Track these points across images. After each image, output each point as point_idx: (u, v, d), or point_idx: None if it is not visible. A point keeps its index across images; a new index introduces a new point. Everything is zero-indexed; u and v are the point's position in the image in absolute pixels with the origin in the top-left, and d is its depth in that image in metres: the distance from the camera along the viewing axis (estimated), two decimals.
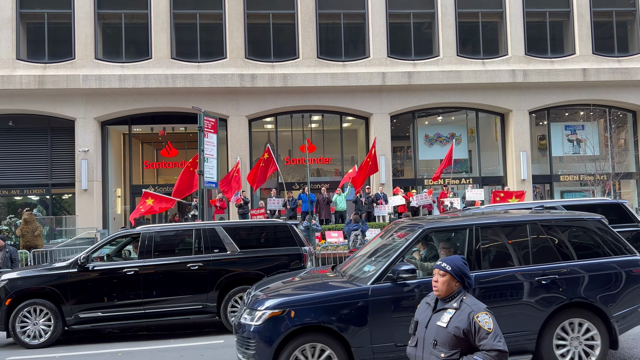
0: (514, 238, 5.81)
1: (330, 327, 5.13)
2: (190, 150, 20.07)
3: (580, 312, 5.54)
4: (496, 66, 19.97)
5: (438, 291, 3.13)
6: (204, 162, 12.88)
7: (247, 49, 19.54)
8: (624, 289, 5.66)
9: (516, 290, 5.45)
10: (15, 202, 19.62)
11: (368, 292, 5.24)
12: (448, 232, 5.97)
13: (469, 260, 5.42)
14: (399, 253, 5.52)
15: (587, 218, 6.04)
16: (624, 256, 5.82)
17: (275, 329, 5.10)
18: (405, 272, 5.21)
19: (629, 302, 5.67)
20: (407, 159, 21.58)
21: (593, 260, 5.71)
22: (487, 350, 2.90)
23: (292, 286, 5.91)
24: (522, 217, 6.01)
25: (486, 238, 5.74)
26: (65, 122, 19.05)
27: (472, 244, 5.60)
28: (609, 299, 5.57)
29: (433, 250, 6.08)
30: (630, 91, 20.42)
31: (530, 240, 5.70)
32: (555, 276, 5.51)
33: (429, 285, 5.24)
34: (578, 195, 20.48)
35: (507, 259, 5.70)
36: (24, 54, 19.09)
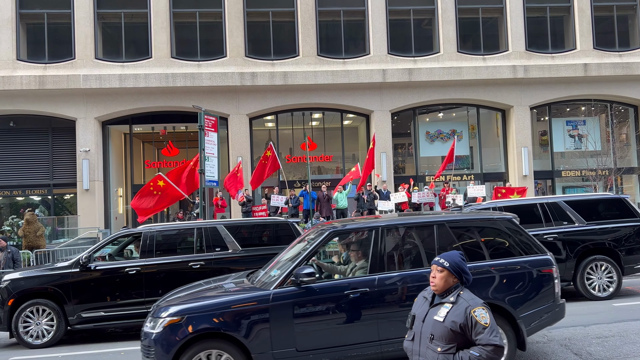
0: (422, 239, 5.76)
1: (230, 334, 5.04)
2: (191, 149, 20.09)
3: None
4: (497, 62, 19.92)
5: (435, 287, 3.13)
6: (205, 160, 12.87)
7: (247, 47, 19.52)
8: (532, 289, 5.58)
9: (421, 291, 5.32)
10: (17, 202, 19.65)
11: (269, 298, 5.15)
12: (355, 234, 5.89)
13: (374, 262, 5.41)
14: (303, 257, 5.44)
15: (497, 218, 5.96)
16: (534, 256, 5.72)
17: (172, 337, 5.00)
18: (306, 275, 5.09)
19: (537, 303, 5.59)
20: (409, 155, 21.56)
21: (500, 260, 5.63)
22: (483, 345, 2.92)
23: (197, 293, 5.71)
24: (429, 218, 5.93)
25: (394, 239, 5.68)
26: (66, 122, 19.07)
27: (378, 245, 5.50)
28: (517, 300, 5.48)
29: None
30: (632, 86, 20.36)
31: (437, 241, 5.62)
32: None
33: (337, 288, 5.23)
34: (580, 190, 20.45)
35: (415, 260, 5.64)
36: (24, 54, 19.10)
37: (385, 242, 5.55)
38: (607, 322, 7.55)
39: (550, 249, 9.12)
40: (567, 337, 6.88)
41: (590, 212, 9.64)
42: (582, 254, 9.33)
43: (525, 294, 5.53)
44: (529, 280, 5.59)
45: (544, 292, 5.62)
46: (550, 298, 5.66)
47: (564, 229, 9.38)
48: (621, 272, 9.37)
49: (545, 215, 9.49)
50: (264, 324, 5.08)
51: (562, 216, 9.52)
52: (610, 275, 9.30)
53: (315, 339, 5.16)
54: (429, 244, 5.68)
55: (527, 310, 5.49)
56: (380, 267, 5.43)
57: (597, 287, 9.26)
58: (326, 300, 5.22)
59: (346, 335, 5.20)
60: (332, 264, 5.90)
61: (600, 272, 9.30)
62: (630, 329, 7.11)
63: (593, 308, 8.60)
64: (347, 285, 5.31)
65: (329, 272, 5.71)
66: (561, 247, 9.25)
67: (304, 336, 5.12)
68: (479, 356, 2.90)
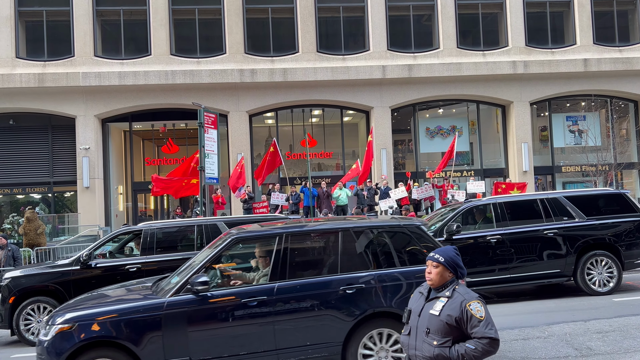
0: (326, 246, 5.69)
1: (122, 342, 4.94)
2: (191, 146, 20.06)
3: (388, 322, 5.33)
4: (497, 58, 19.89)
5: (431, 282, 3.18)
6: (205, 158, 12.86)
7: (246, 44, 19.49)
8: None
9: (320, 300, 5.27)
10: (18, 200, 19.66)
11: (163, 305, 5.06)
12: (258, 240, 5.80)
13: (275, 270, 5.33)
14: (202, 264, 5.36)
15: (404, 224, 5.84)
16: None
17: (62, 345, 4.87)
18: (200, 284, 5.01)
19: None
20: (409, 152, 21.55)
21: (405, 268, 5.53)
22: (478, 338, 2.95)
23: (97, 299, 5.60)
24: (334, 225, 5.84)
25: (297, 246, 5.58)
26: (66, 120, 19.05)
27: (280, 252, 5.40)
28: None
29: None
30: (632, 81, 20.33)
31: (340, 248, 5.53)
32: (362, 285, 5.33)
33: (234, 297, 5.12)
34: (580, 186, 20.44)
35: (317, 268, 5.55)
36: (23, 52, 19.07)
37: (288, 249, 5.43)
38: (608, 317, 7.56)
39: (550, 245, 9.21)
40: (567, 332, 6.89)
41: (590, 208, 9.63)
42: (582, 249, 9.33)
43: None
44: None
45: None
46: None
47: (564, 225, 9.38)
48: (621, 267, 9.37)
49: (546, 210, 9.49)
50: (156, 332, 4.99)
51: (562, 211, 9.52)
52: (611, 270, 9.31)
53: (210, 349, 5.06)
54: (332, 251, 5.58)
55: None
56: (282, 275, 5.32)
57: (598, 283, 9.27)
58: (222, 309, 5.14)
59: (242, 344, 5.11)
60: (242, 271, 5.78)
61: (601, 267, 9.31)
62: (631, 324, 7.13)
63: (593, 303, 8.61)
64: (245, 294, 5.22)
65: (237, 279, 5.59)
66: (561, 243, 9.26)
67: (198, 345, 5.03)
68: (474, 349, 2.94)
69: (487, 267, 9.07)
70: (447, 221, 9.29)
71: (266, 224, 6.61)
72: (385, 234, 5.81)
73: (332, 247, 5.61)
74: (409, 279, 5.45)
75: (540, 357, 6.00)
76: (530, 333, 6.99)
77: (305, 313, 5.24)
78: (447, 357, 2.98)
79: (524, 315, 8.05)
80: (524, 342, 6.59)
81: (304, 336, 5.20)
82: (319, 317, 5.25)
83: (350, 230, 5.65)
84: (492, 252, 9.10)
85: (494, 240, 9.12)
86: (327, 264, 5.55)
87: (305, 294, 5.29)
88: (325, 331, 5.24)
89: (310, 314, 5.24)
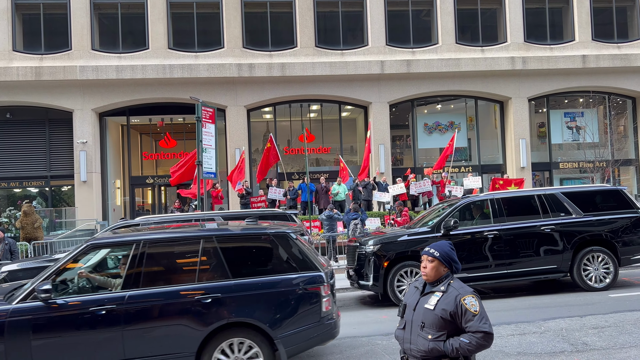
0: (186, 253, 5.54)
1: None
2: (188, 140, 20.05)
3: (245, 332, 5.20)
4: (495, 53, 19.87)
5: (427, 276, 3.19)
6: (203, 152, 12.83)
7: (244, 38, 19.42)
8: (295, 308, 5.30)
9: (174, 309, 5.13)
10: (15, 194, 19.62)
11: (8, 312, 4.89)
12: (113, 247, 5.66)
13: (129, 278, 5.19)
14: (51, 271, 5.19)
15: (270, 232, 5.61)
16: (303, 273, 5.42)
17: None
18: (43, 292, 4.85)
19: (300, 322, 5.30)
20: (407, 147, 21.55)
21: (267, 277, 5.36)
22: (473, 332, 2.97)
23: None
24: (195, 232, 5.69)
25: (155, 253, 5.40)
26: (63, 114, 19.00)
27: (136, 260, 5.24)
28: (277, 319, 5.22)
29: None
30: (630, 77, 20.35)
31: (200, 256, 5.37)
32: (218, 295, 5.16)
33: (83, 305, 4.99)
34: (577, 182, 20.48)
35: (174, 275, 5.38)
36: (20, 45, 18.98)
37: (144, 256, 5.28)
38: (604, 313, 7.59)
39: (547, 240, 9.23)
40: (563, 328, 6.92)
41: (587, 204, 9.65)
42: (579, 245, 9.35)
43: (286, 313, 5.26)
44: (293, 298, 5.31)
45: (309, 311, 5.34)
46: (315, 317, 5.35)
47: (561, 220, 9.39)
48: (618, 263, 9.39)
49: (543, 206, 9.50)
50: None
51: (560, 207, 9.53)
52: (607, 266, 9.33)
53: (54, 357, 4.92)
54: (192, 259, 5.41)
55: (288, 330, 5.23)
56: (135, 283, 5.17)
57: (594, 278, 9.29)
58: (70, 317, 4.98)
59: (90, 353, 4.96)
60: (105, 278, 5.59)
61: (597, 264, 9.33)
62: (627, 320, 7.15)
63: (589, 299, 8.64)
64: (94, 302, 5.05)
65: (100, 285, 5.43)
66: (558, 239, 9.27)
67: (42, 354, 4.87)
68: (468, 343, 2.96)
69: (484, 263, 9.09)
70: (445, 217, 9.29)
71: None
72: (249, 242, 5.66)
73: (192, 255, 5.43)
74: (271, 289, 5.29)
75: (536, 352, 6.02)
76: (526, 328, 7.01)
77: (157, 322, 5.09)
78: (441, 350, 3.00)
79: (521, 311, 8.07)
80: (520, 337, 6.61)
81: (156, 346, 5.06)
82: (172, 327, 5.09)
83: (213, 238, 5.46)
84: (489, 248, 9.11)
85: (491, 236, 9.13)
86: (185, 272, 5.38)
87: (157, 303, 5.12)
88: (178, 341, 5.09)
89: (162, 323, 5.10)
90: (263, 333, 5.20)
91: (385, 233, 9.96)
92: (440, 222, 9.21)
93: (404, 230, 9.73)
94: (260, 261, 5.55)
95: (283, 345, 5.19)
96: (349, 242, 10.38)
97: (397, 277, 8.90)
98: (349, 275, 9.80)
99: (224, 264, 5.35)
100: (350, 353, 6.39)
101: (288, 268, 5.44)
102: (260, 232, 5.66)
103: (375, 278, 8.94)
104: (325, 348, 6.62)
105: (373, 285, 9.02)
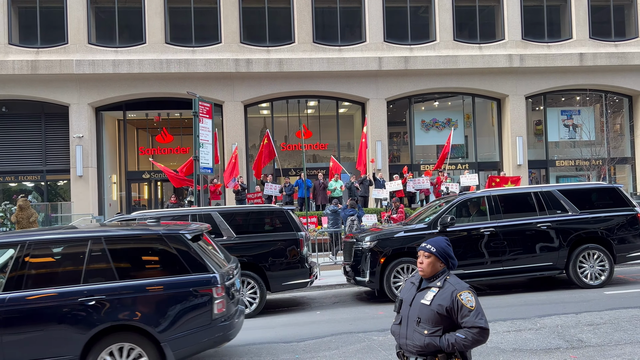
0: (73, 255, 5.41)
1: None
2: (185, 136, 19.99)
3: (131, 336, 5.10)
4: (493, 51, 19.86)
5: (423, 272, 3.20)
6: (199, 147, 12.79)
7: (242, 33, 19.35)
8: (185, 310, 5.19)
9: (55, 312, 4.99)
10: (10, 188, 19.54)
11: None
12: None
13: (11, 279, 5.06)
14: None
15: (163, 233, 5.45)
16: (196, 274, 5.30)
17: None
18: None
19: (189, 325, 5.19)
20: (404, 144, 21.55)
21: (152, 279, 5.26)
22: (469, 328, 2.98)
23: None
24: (84, 233, 5.57)
25: (39, 255, 5.28)
26: (59, 108, 18.90)
27: (19, 261, 5.12)
28: (163, 322, 5.11)
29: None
30: (627, 76, 20.39)
31: (87, 258, 5.23)
32: (102, 297, 5.04)
33: None
34: (573, 180, 20.53)
35: (59, 277, 5.23)
36: (16, 38, 18.86)
37: (28, 258, 5.16)
38: (599, 310, 7.62)
39: (543, 237, 9.26)
40: (559, 325, 6.94)
41: (583, 201, 9.68)
42: (575, 242, 9.38)
43: (174, 316, 5.15)
44: (182, 300, 5.20)
45: (199, 313, 5.24)
46: (206, 319, 5.25)
47: (557, 218, 9.42)
48: (613, 261, 9.43)
49: (539, 204, 9.52)
50: None
51: (556, 205, 9.56)
52: (603, 263, 9.37)
53: None
54: (77, 261, 5.29)
55: (176, 333, 5.13)
56: (17, 285, 5.04)
57: (589, 276, 9.33)
58: None
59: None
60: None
61: (593, 261, 9.37)
62: (622, 317, 7.18)
63: (585, 296, 8.67)
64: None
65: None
66: (554, 236, 9.30)
67: None
68: (464, 338, 2.96)
69: (480, 260, 9.11)
70: (441, 213, 9.30)
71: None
72: (139, 243, 5.54)
73: (78, 256, 5.30)
74: (158, 291, 5.19)
75: (531, 348, 6.04)
76: (522, 325, 7.04)
77: (38, 326, 4.96)
78: (437, 346, 3.01)
79: (516, 307, 8.10)
80: (516, 333, 6.64)
81: (36, 350, 4.94)
82: (55, 330, 4.98)
83: (102, 239, 5.35)
84: (485, 245, 9.13)
85: (488, 232, 9.15)
86: (71, 274, 5.24)
87: (38, 305, 5.00)
88: (61, 344, 4.96)
89: (43, 327, 4.98)
90: (150, 336, 5.09)
91: (381, 229, 9.97)
92: (437, 218, 9.22)
93: (400, 227, 9.75)
94: (150, 262, 5.46)
95: (170, 348, 5.09)
96: (346, 239, 10.39)
97: (393, 274, 8.92)
98: (346, 271, 9.81)
99: (112, 265, 5.24)
100: (346, 349, 6.40)
101: (180, 269, 5.32)
102: (151, 233, 5.52)
103: (371, 274, 8.96)
104: (322, 344, 6.64)
105: (369, 281, 9.03)
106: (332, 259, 13.84)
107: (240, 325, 5.86)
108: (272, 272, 8.76)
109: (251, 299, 8.61)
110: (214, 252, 6.03)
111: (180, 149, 20.39)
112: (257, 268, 8.74)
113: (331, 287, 10.88)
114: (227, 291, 5.45)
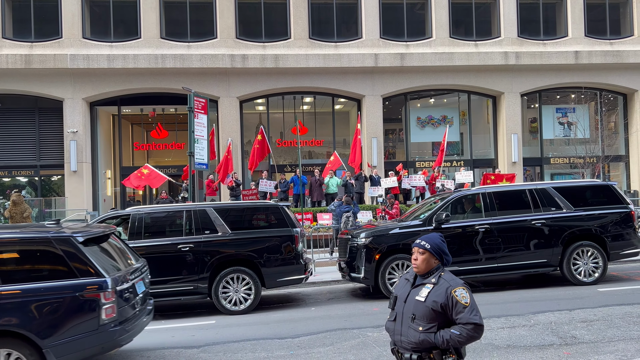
0: None
1: None
2: (180, 131, 19.90)
3: (11, 342, 4.99)
4: (489, 48, 19.88)
5: (417, 268, 3.20)
6: (194, 143, 12.74)
7: (237, 29, 19.27)
8: (68, 315, 5.09)
9: None
10: (4, 183, 19.41)
11: None
12: None
13: None
14: None
15: (52, 237, 5.32)
16: (80, 279, 5.15)
17: None
18: None
19: (73, 331, 5.06)
20: (399, 141, 21.56)
21: (35, 284, 5.11)
22: (463, 324, 2.99)
23: None
24: None
25: None
26: (53, 103, 18.78)
27: None
28: (47, 328, 5.00)
29: None
30: (622, 74, 20.46)
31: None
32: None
33: None
34: (568, 177, 20.62)
35: None
36: (10, 32, 18.70)
37: None
38: (592, 307, 7.66)
39: (537, 235, 9.29)
40: (552, 321, 6.97)
41: (577, 199, 9.71)
42: (569, 239, 9.42)
43: (58, 321, 5.04)
44: (66, 305, 5.08)
45: (85, 318, 5.12)
46: (93, 325, 5.12)
47: (552, 215, 9.45)
48: (607, 258, 9.48)
49: (534, 201, 9.55)
50: None
51: (550, 202, 9.59)
52: (596, 260, 9.41)
53: None
54: None
55: (59, 339, 5.00)
56: None
57: (583, 273, 9.37)
58: None
59: None
60: None
61: (587, 258, 9.41)
62: (615, 314, 7.22)
63: (578, 293, 8.71)
64: None
65: None
66: (548, 233, 9.33)
67: None
68: (459, 334, 2.97)
69: (474, 256, 9.13)
70: (436, 210, 9.31)
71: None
72: (25, 246, 5.39)
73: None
74: (41, 296, 5.05)
75: (525, 345, 6.07)
76: (516, 321, 7.07)
77: None
78: (432, 342, 3.01)
79: (510, 304, 8.13)
80: (510, 330, 6.66)
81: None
82: None
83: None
84: (480, 242, 9.15)
85: (482, 229, 9.17)
86: None
87: None
88: None
89: None
90: (32, 342, 4.99)
91: (377, 226, 9.97)
92: (432, 215, 9.23)
93: (395, 224, 9.76)
94: (36, 266, 5.34)
95: (54, 355, 4.98)
96: (341, 235, 10.39)
97: (388, 270, 8.93)
98: (341, 267, 9.82)
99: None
100: (341, 345, 6.41)
101: (67, 274, 5.19)
102: (39, 236, 5.39)
103: (366, 270, 8.97)
104: (316, 340, 6.64)
105: (364, 277, 9.04)
106: (329, 257, 13.84)
107: (140, 328, 5.76)
108: (267, 268, 8.75)
109: (246, 295, 8.61)
110: (117, 254, 5.92)
111: (175, 144, 20.31)
112: (252, 264, 8.74)
113: (326, 283, 10.89)
114: (120, 295, 5.32)
